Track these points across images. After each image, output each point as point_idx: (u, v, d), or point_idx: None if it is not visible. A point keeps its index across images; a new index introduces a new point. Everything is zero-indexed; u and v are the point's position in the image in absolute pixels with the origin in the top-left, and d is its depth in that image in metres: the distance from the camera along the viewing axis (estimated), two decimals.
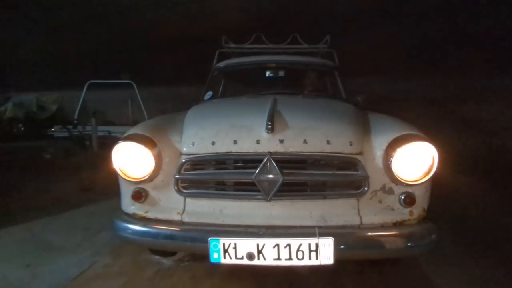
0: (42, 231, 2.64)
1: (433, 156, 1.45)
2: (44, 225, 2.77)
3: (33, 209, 3.11)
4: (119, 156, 1.54)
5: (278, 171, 1.43)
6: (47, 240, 2.46)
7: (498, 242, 2.39)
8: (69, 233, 2.59)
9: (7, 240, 2.47)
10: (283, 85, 3.19)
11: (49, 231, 2.63)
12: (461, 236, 2.45)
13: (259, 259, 1.39)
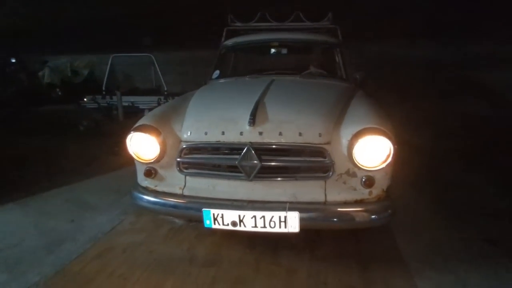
0: (82, 192, 3.20)
1: (389, 148, 1.69)
2: (83, 186, 3.34)
3: (73, 172, 3.70)
4: (132, 143, 1.92)
5: (257, 158, 1.75)
6: (86, 200, 3.01)
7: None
8: (102, 194, 3.12)
9: (56, 200, 3.05)
10: (286, 62, 3.38)
11: (88, 192, 3.19)
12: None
13: (240, 226, 1.77)
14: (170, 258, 2.13)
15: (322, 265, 2.03)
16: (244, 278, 1.92)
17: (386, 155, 1.71)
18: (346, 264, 2.04)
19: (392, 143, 1.69)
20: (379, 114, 1.96)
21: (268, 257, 2.11)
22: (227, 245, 2.26)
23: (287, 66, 3.27)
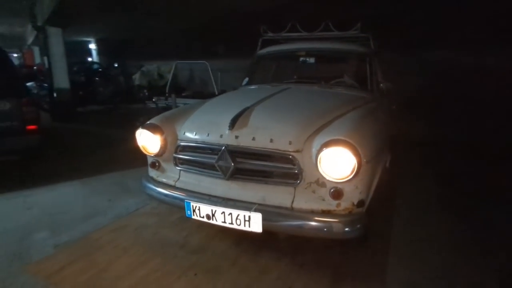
0: (127, 178, 3.79)
1: (354, 161, 1.67)
2: (129, 173, 3.93)
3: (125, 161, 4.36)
4: (140, 138, 2.29)
5: (230, 160, 1.92)
6: (127, 185, 3.57)
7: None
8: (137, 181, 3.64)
9: (106, 182, 3.70)
10: (314, 71, 3.42)
11: (131, 179, 3.75)
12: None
13: (212, 220, 1.96)
14: (167, 241, 2.44)
15: (296, 270, 2.08)
16: (219, 269, 2.10)
17: (351, 168, 1.69)
18: (320, 274, 2.04)
19: (357, 157, 1.67)
20: (358, 127, 1.93)
21: (248, 255, 2.25)
22: (218, 239, 2.46)
23: (314, 74, 3.32)
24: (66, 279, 1.98)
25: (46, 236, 2.50)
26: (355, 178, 1.73)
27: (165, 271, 2.08)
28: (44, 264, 2.14)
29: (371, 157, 1.82)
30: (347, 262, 2.17)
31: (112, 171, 4.03)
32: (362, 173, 1.74)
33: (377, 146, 2.00)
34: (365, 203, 1.85)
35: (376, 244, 2.33)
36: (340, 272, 2.06)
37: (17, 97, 3.48)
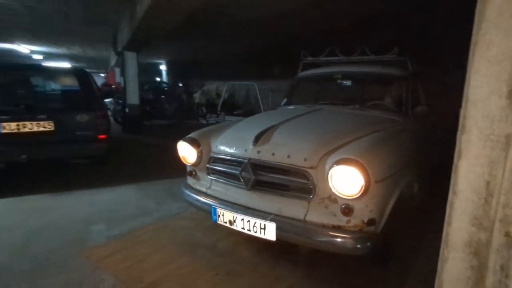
0: (176, 185, 4.21)
1: (361, 180, 1.76)
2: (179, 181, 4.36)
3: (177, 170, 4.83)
4: (180, 149, 2.63)
5: (252, 172, 2.14)
6: (175, 191, 3.98)
7: None
8: None
9: (158, 187, 4.17)
10: (349, 93, 3.52)
11: (174, 185, 4.15)
12: None
13: (233, 225, 2.17)
14: (199, 243, 2.71)
15: (309, 282, 2.16)
16: (238, 272, 2.28)
17: (360, 186, 1.77)
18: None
19: (365, 176, 1.75)
20: (373, 148, 2.00)
21: (268, 263, 2.39)
22: (244, 246, 2.65)
23: (349, 97, 3.41)
24: (110, 265, 2.35)
25: (102, 228, 2.95)
26: (364, 196, 1.80)
27: (191, 268, 2.33)
28: (96, 250, 2.55)
29: (383, 178, 1.87)
30: (362, 281, 2.18)
31: (164, 178, 4.51)
32: (372, 192, 1.81)
33: (394, 168, 2.03)
34: (376, 222, 1.89)
35: (396, 268, 2.29)
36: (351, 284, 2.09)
37: (93, 111, 4.18)
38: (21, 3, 5.96)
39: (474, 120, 0.84)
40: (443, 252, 0.97)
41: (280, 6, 5.70)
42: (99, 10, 6.45)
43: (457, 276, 0.91)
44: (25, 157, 3.72)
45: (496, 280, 0.83)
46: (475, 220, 0.86)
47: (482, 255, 0.85)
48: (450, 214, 0.93)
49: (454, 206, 0.91)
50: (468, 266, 0.89)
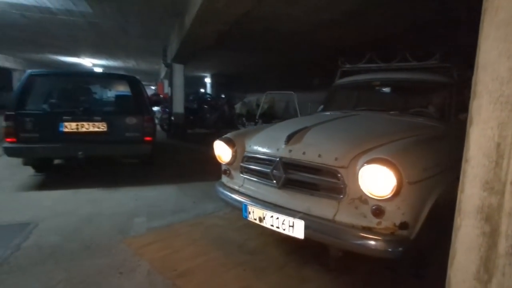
0: (208, 186, 4.36)
1: (393, 180, 1.72)
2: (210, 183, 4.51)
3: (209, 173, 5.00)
4: (216, 148, 2.76)
5: (282, 170, 2.18)
6: (208, 192, 4.12)
7: None
8: None
9: (196, 188, 4.36)
10: (388, 100, 3.44)
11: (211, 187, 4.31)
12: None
13: (263, 222, 2.22)
14: (229, 240, 2.79)
15: (335, 286, 2.12)
16: (265, 270, 2.31)
17: (391, 187, 1.74)
18: None
19: (398, 176, 1.71)
20: (407, 150, 1.94)
21: (296, 264, 2.39)
22: (273, 246, 2.68)
23: (387, 103, 3.33)
24: (148, 253, 2.51)
25: (143, 221, 3.16)
26: (396, 197, 1.76)
27: (220, 262, 2.41)
28: (136, 240, 2.74)
29: (417, 180, 1.81)
30: None
31: (202, 180, 4.70)
32: (404, 194, 1.76)
33: (431, 172, 1.94)
34: (409, 226, 1.82)
35: (433, 280, 2.15)
36: None
37: (142, 115, 4.52)
38: (87, 19, 6.73)
39: (484, 84, 0.83)
40: (456, 221, 0.94)
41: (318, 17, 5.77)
42: (152, 23, 7.01)
43: (470, 244, 0.88)
44: (81, 154, 4.13)
45: (508, 245, 0.79)
46: (486, 185, 0.83)
47: (493, 220, 0.82)
48: (462, 182, 0.90)
49: (466, 173, 0.89)
50: (480, 232, 0.85)
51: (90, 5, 5.68)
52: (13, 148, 4.01)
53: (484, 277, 0.87)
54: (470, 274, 0.88)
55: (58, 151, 4.19)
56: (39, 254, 2.44)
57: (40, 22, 7.08)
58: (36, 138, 4.06)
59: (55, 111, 4.39)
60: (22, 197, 3.79)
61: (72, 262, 2.35)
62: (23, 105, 4.09)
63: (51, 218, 3.13)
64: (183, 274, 2.22)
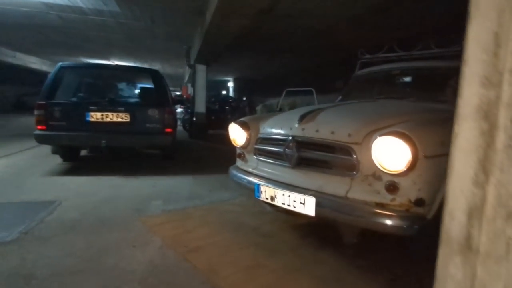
0: (225, 179, 4.38)
1: (409, 153, 1.65)
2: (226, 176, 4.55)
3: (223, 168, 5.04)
4: (231, 131, 2.79)
5: (295, 149, 2.17)
6: (225, 183, 4.14)
7: None
8: None
9: (212, 179, 4.40)
10: (407, 89, 3.34)
11: (227, 179, 4.34)
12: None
13: (274, 201, 2.20)
14: (243, 223, 2.79)
15: (350, 269, 2.07)
16: (278, 250, 2.29)
17: (407, 161, 1.68)
18: (374, 276, 1.97)
19: (413, 148, 1.65)
20: (423, 125, 1.88)
21: (311, 248, 2.35)
22: (288, 231, 2.66)
23: (406, 92, 3.23)
24: (161, 231, 2.55)
25: (159, 204, 3.23)
26: (411, 172, 1.69)
27: (233, 242, 2.41)
28: (151, 219, 2.81)
29: (434, 155, 1.73)
30: (407, 274, 2.00)
31: (219, 173, 4.71)
32: (420, 168, 1.69)
33: None
34: (425, 203, 1.74)
35: None
36: (397, 280, 1.93)
37: (163, 107, 4.65)
38: (116, 19, 7.07)
39: None
40: (454, 128, 0.91)
41: (341, 12, 5.72)
42: (176, 23, 7.23)
43: (468, 148, 0.85)
44: (104, 143, 4.29)
45: (507, 137, 0.74)
46: (484, 80, 0.78)
47: (492, 115, 0.77)
48: (462, 85, 0.86)
49: (465, 75, 0.84)
50: (478, 133, 0.81)
51: (119, 5, 5.96)
52: (43, 135, 4.24)
53: (481, 178, 0.83)
54: (468, 180, 0.85)
55: (83, 139, 4.38)
56: (60, 227, 2.55)
57: (74, 23, 7.51)
58: (64, 126, 4.27)
59: (82, 101, 4.60)
60: (49, 181, 3.98)
61: (91, 235, 2.43)
62: (53, 95, 4.33)
63: (73, 198, 3.27)
64: (194, 250, 2.25)
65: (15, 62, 14.87)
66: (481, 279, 0.83)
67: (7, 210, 2.89)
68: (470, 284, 0.86)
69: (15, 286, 1.74)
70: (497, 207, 0.80)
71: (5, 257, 2.04)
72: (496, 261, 0.81)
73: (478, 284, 0.84)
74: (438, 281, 0.95)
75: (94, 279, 1.84)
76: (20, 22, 7.79)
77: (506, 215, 0.78)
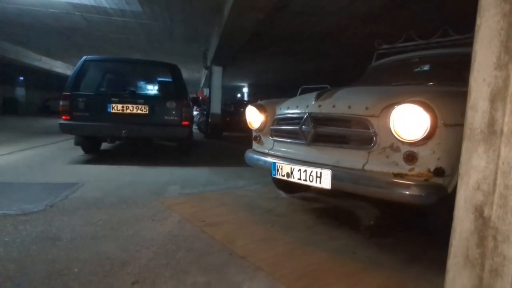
0: (246, 171, 4.45)
1: (428, 121, 1.64)
2: (243, 168, 4.58)
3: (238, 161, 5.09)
4: (248, 113, 2.83)
5: (311, 125, 2.19)
6: (240, 174, 4.20)
7: None
8: (251, 173, 4.22)
9: (228, 170, 4.46)
10: (425, 75, 3.30)
11: (244, 171, 4.38)
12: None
13: (291, 177, 2.22)
14: (258, 206, 2.81)
15: (366, 244, 2.05)
16: (293, 227, 2.30)
17: (425, 129, 1.66)
18: (391, 253, 1.95)
19: (432, 115, 1.64)
20: (442, 94, 1.87)
21: (326, 226, 2.35)
22: (302, 213, 2.67)
23: (427, 77, 3.20)
24: (179, 209, 2.61)
25: (176, 188, 3.30)
26: (430, 140, 1.68)
27: (249, 220, 2.44)
28: (169, 200, 2.87)
29: (455, 123, 1.68)
30: (430, 254, 1.96)
31: (234, 166, 4.80)
32: (439, 137, 1.67)
33: None
34: (445, 173, 1.72)
35: None
36: (415, 261, 1.90)
37: (181, 100, 4.77)
38: (137, 20, 7.34)
39: None
40: (476, 22, 0.97)
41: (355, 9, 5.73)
42: (195, 22, 7.41)
43: (491, 35, 0.90)
44: (124, 133, 4.43)
45: None
46: None
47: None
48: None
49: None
50: (500, 16, 0.87)
51: (141, 4, 6.20)
52: (67, 124, 4.41)
53: (504, 60, 0.86)
54: (491, 67, 0.88)
55: (105, 129, 4.53)
56: (83, 203, 2.64)
57: (97, 24, 7.84)
58: (87, 116, 4.44)
59: (104, 93, 4.78)
60: (72, 168, 4.14)
61: (111, 209, 2.51)
62: (77, 87, 4.52)
63: (95, 182, 3.38)
64: (211, 225, 2.28)
65: (42, 65, 15.57)
66: (504, 158, 0.85)
67: (33, 188, 3.03)
68: (494, 167, 0.88)
69: (43, 245, 1.82)
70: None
71: (32, 223, 2.14)
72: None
73: (502, 164, 0.86)
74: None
75: (114, 242, 1.91)
76: (47, 24, 8.19)
77: None
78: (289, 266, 1.72)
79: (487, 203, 0.89)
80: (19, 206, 2.46)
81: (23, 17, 7.72)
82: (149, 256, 1.75)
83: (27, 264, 1.61)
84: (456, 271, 0.99)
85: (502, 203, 0.86)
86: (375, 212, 2.76)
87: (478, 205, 0.92)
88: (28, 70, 16.80)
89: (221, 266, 1.69)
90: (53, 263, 1.64)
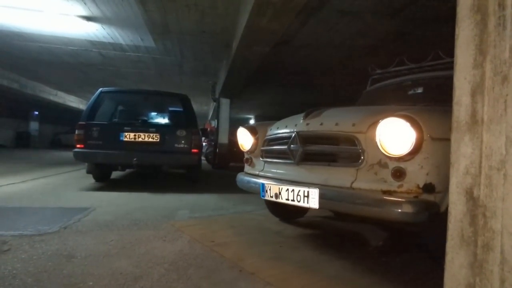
0: (248, 196, 4.48)
1: (413, 135, 1.61)
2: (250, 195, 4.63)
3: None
4: (239, 135, 2.80)
5: (299, 144, 2.17)
6: (248, 199, 4.23)
7: None
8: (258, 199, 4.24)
9: (237, 196, 4.51)
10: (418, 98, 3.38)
11: (251, 197, 4.40)
12: None
13: (279, 198, 2.17)
14: (266, 228, 2.85)
15: (375, 264, 2.06)
16: (300, 249, 2.32)
17: (411, 142, 1.62)
18: (397, 274, 1.95)
19: (418, 130, 1.62)
20: (429, 110, 1.94)
21: (332, 251, 2.35)
22: (310, 239, 2.70)
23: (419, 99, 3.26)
24: (189, 230, 2.66)
25: (186, 212, 3.36)
26: (417, 155, 1.63)
27: (258, 240, 2.47)
28: (179, 222, 2.93)
29: (443, 137, 1.59)
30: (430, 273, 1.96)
31: (242, 193, 4.83)
32: (427, 151, 1.63)
33: None
34: (436, 189, 1.65)
35: None
36: (422, 279, 1.90)
37: (190, 128, 4.95)
38: (150, 55, 7.78)
39: None
40: (455, 31, 1.10)
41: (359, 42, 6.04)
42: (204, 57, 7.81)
43: (467, 41, 1.04)
44: (136, 160, 4.57)
45: (496, 19, 0.95)
46: None
47: (482, 6, 1.00)
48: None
49: None
50: (473, 25, 1.02)
51: (154, 40, 6.62)
52: (81, 152, 4.59)
53: (479, 60, 0.99)
54: (469, 67, 1.02)
55: (117, 157, 4.68)
56: (95, 225, 2.71)
57: (112, 60, 8.31)
58: (100, 145, 4.62)
59: (118, 122, 4.99)
60: (83, 194, 4.24)
61: (123, 231, 2.58)
62: (92, 117, 4.75)
63: (106, 206, 3.47)
64: (220, 244, 2.32)
65: (56, 100, 16.21)
66: (486, 142, 0.97)
67: (47, 212, 3.12)
68: (479, 152, 0.99)
69: (58, 261, 1.88)
70: (493, 76, 0.96)
71: (47, 242, 2.21)
72: (498, 121, 0.94)
73: (485, 148, 0.98)
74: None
75: (127, 260, 1.96)
76: (65, 60, 8.72)
77: (501, 79, 0.94)
78: (298, 282, 1.74)
79: (475, 185, 1.00)
80: (35, 227, 2.54)
81: (43, 54, 8.24)
82: (161, 272, 1.80)
83: (44, 278, 1.67)
84: (454, 252, 1.07)
85: (488, 183, 0.96)
86: (383, 233, 2.76)
87: (468, 188, 1.03)
88: (43, 104, 17.47)
89: (232, 281, 1.72)
90: (69, 277, 1.69)
